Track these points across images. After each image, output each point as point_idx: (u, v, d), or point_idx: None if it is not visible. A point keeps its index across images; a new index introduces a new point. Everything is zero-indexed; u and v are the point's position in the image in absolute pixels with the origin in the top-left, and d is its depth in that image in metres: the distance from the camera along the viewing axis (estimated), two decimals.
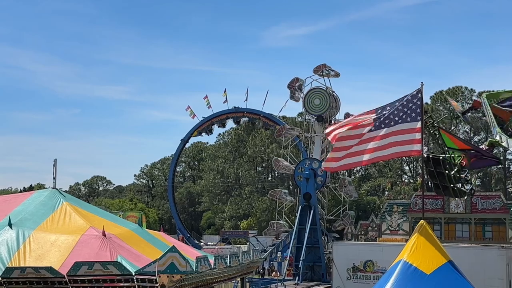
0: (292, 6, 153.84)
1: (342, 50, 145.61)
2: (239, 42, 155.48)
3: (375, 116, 13.95)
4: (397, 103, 13.78)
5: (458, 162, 19.62)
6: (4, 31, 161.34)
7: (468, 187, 20.13)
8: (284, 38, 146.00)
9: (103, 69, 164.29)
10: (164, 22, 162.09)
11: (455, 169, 19.24)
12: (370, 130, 13.89)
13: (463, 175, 19.85)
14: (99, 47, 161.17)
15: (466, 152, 19.66)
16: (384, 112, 13.85)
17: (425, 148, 21.11)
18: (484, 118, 20.32)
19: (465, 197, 20.91)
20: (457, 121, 76.05)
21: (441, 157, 19.25)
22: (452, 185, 19.32)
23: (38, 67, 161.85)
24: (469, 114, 22.18)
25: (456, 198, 24.26)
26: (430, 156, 19.63)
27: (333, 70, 53.75)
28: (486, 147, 20.15)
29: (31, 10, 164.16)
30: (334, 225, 54.13)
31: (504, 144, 18.74)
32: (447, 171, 18.96)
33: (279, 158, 55.62)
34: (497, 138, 18.97)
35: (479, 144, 21.87)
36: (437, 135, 19.97)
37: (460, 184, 19.61)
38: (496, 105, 19.57)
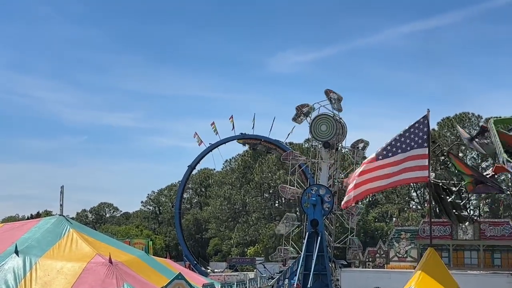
0: (298, 33, 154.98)
1: (347, 77, 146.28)
2: (246, 69, 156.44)
3: (384, 146, 13.97)
4: (404, 132, 13.80)
5: (458, 188, 19.79)
6: (12, 58, 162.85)
7: (467, 213, 20.30)
8: (291, 65, 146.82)
9: (110, 96, 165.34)
10: (171, 49, 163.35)
11: (453, 196, 19.41)
12: (379, 159, 13.89)
13: (462, 202, 20.00)
14: (107, 74, 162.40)
15: (474, 178, 19.70)
16: (393, 142, 13.87)
17: (432, 175, 21.20)
18: (492, 144, 20.31)
19: (466, 223, 21.18)
20: (465, 147, 75.85)
21: (440, 183, 19.39)
22: (454, 211, 19.45)
23: (45, 94, 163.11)
24: (476, 140, 22.15)
25: (460, 224, 24.49)
26: (432, 181, 19.66)
27: (335, 94, 53.91)
28: (492, 173, 20.18)
29: (38, 37, 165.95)
30: (348, 257, 53.84)
31: (509, 168, 18.71)
32: (447, 196, 19.11)
33: (285, 185, 55.56)
34: (501, 162, 18.97)
35: (486, 170, 22.05)
36: (447, 162, 20.09)
37: (460, 210, 19.76)
38: (503, 131, 19.57)
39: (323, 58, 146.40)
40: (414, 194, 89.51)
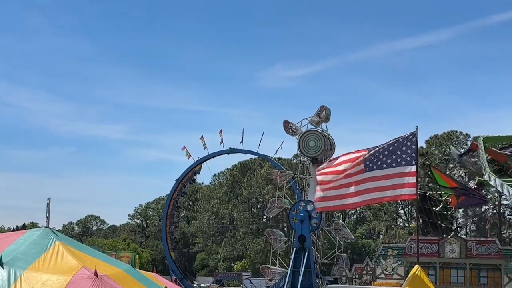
0: (289, 47, 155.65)
1: (338, 92, 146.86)
2: (236, 83, 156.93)
3: (367, 156, 13.90)
4: (389, 146, 13.75)
5: (444, 199, 19.97)
6: (1, 69, 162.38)
7: (454, 226, 20.54)
8: (281, 79, 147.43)
9: (99, 108, 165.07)
10: (162, 62, 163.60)
11: (440, 206, 19.59)
12: (363, 171, 13.83)
13: (449, 213, 20.19)
14: (96, 86, 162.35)
15: (455, 190, 19.92)
16: (377, 154, 13.82)
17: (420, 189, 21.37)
18: (479, 162, 20.50)
19: (452, 235, 21.27)
20: (453, 165, 76.18)
21: (427, 194, 19.52)
22: (439, 222, 19.61)
23: (34, 105, 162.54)
24: (465, 157, 22.38)
25: (444, 236, 24.61)
26: (418, 192, 19.79)
27: (324, 110, 53.86)
28: (475, 186, 20.41)
29: (28, 47, 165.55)
30: (333, 272, 53.63)
31: (492, 183, 18.86)
32: (433, 207, 19.27)
33: (280, 198, 55.35)
34: (486, 177, 19.12)
35: (469, 184, 22.27)
36: (430, 173, 20.28)
37: (446, 222, 19.94)
38: (492, 148, 19.75)
39: (314, 73, 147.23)
40: (402, 211, 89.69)
